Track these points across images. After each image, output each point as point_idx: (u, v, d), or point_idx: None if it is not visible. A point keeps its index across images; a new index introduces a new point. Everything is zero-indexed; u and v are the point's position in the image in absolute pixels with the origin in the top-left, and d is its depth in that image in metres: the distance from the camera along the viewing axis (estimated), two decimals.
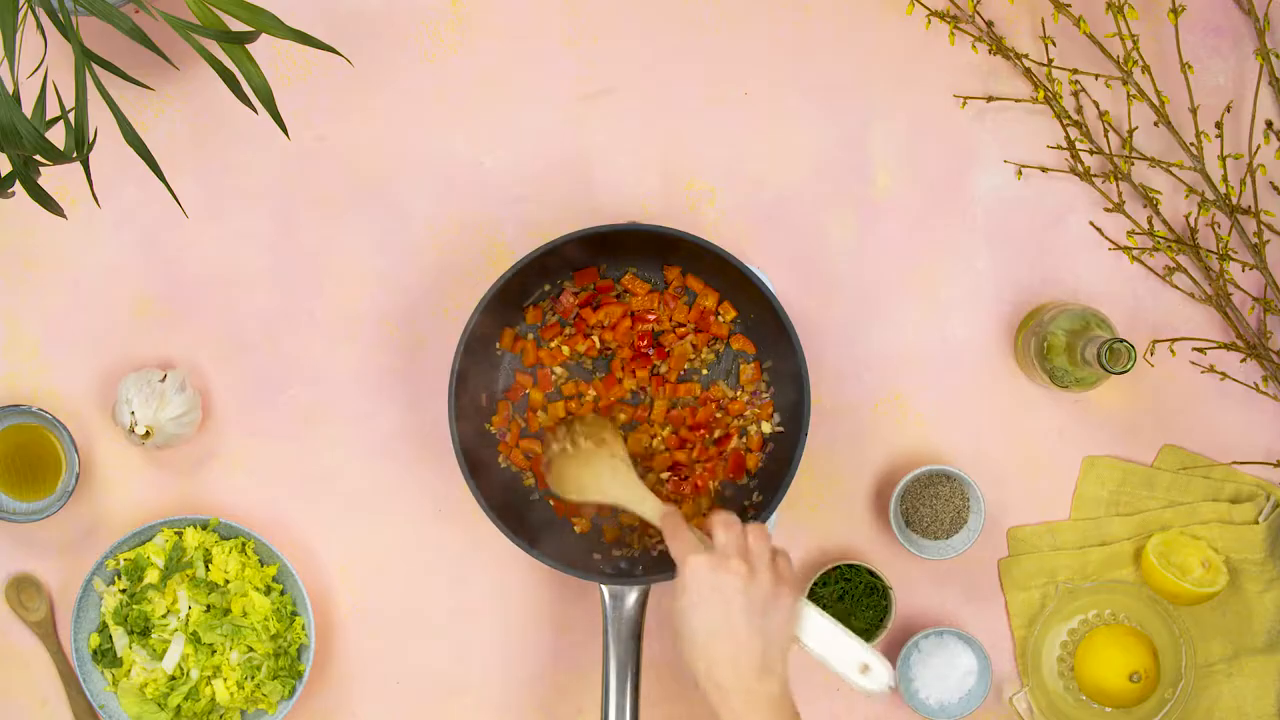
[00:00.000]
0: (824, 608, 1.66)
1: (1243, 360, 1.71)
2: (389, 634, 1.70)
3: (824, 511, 1.70)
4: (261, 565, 1.67)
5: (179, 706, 1.64)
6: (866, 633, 1.66)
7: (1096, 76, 1.69)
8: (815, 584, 1.66)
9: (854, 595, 1.66)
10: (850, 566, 1.66)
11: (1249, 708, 1.70)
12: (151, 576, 1.65)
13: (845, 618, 1.66)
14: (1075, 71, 1.68)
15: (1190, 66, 1.68)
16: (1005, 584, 1.71)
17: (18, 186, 1.30)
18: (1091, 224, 1.71)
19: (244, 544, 1.66)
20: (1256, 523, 1.68)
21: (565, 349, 1.66)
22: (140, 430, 1.61)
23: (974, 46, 1.70)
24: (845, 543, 1.70)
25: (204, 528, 1.66)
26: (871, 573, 1.67)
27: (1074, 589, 1.68)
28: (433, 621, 1.70)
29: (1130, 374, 1.69)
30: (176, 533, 1.66)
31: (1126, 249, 1.70)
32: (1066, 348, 1.59)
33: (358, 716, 1.70)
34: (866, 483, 1.70)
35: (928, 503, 1.67)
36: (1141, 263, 1.71)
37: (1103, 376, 1.59)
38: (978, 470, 1.70)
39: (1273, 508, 1.69)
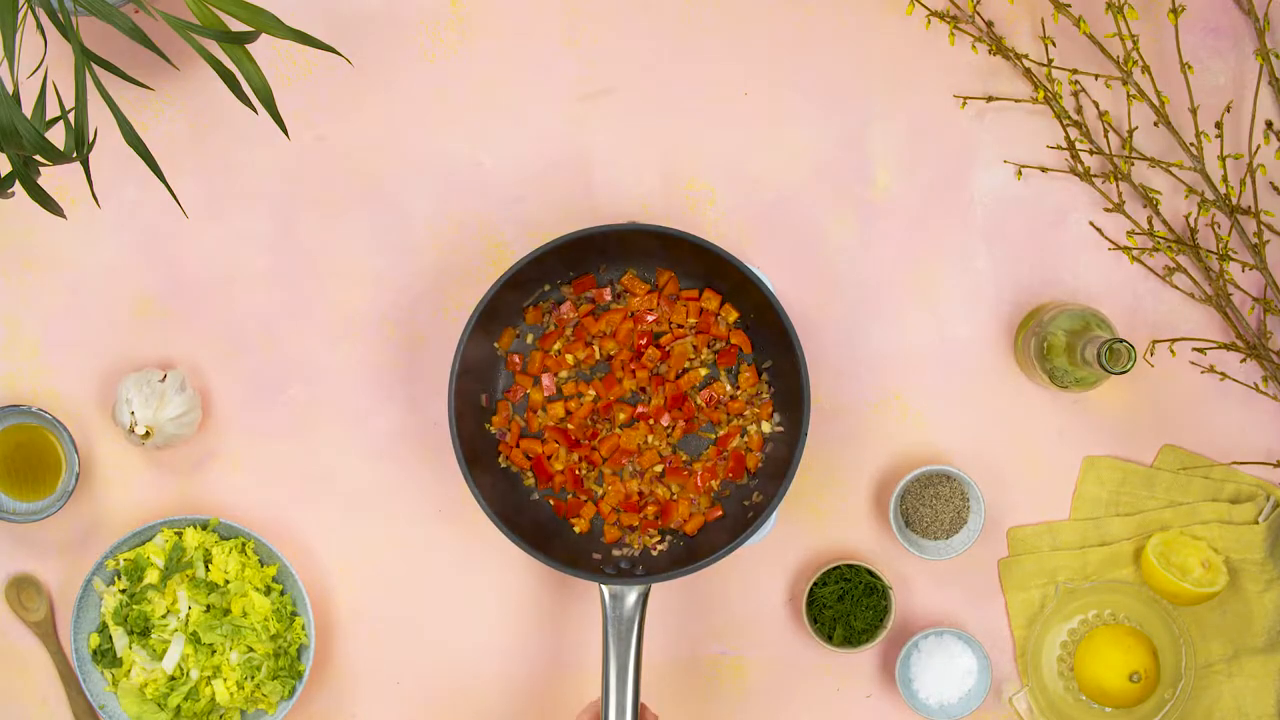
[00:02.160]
0: (823, 608, 1.66)
1: (1243, 360, 1.71)
2: (389, 634, 1.70)
3: (824, 511, 1.70)
4: (261, 565, 1.67)
5: (179, 707, 1.64)
6: (866, 633, 1.66)
7: (1096, 76, 1.69)
8: (814, 584, 1.66)
9: (853, 595, 1.66)
10: (850, 566, 1.66)
11: (1249, 708, 1.69)
12: (151, 577, 1.65)
13: (845, 618, 1.66)
14: (1075, 71, 1.68)
15: (1190, 66, 1.68)
16: (1005, 584, 1.71)
17: (18, 186, 1.30)
18: (1091, 224, 1.71)
19: (244, 544, 1.66)
20: (1256, 523, 1.68)
21: (569, 357, 1.66)
22: (140, 430, 1.61)
23: (974, 46, 1.70)
24: (845, 542, 1.70)
25: (204, 528, 1.66)
26: (871, 573, 1.67)
27: (1074, 589, 1.68)
28: (433, 621, 1.70)
29: (1130, 374, 1.69)
30: (176, 533, 1.66)
31: (1126, 249, 1.70)
32: (1066, 348, 1.59)
33: (357, 717, 1.70)
34: (866, 482, 1.70)
35: (928, 503, 1.67)
36: (1141, 263, 1.71)
37: (1103, 376, 1.59)
38: (978, 470, 1.70)
39: (1272, 507, 1.69)
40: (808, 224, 1.70)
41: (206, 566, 1.66)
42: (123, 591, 1.66)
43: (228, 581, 1.65)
